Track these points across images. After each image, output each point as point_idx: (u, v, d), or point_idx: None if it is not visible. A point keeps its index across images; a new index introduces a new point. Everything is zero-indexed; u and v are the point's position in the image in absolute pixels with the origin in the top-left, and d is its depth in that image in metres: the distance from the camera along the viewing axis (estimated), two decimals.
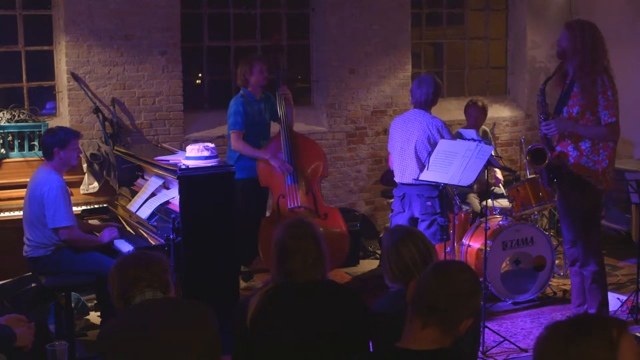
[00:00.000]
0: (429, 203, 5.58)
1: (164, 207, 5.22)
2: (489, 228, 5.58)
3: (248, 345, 3.02)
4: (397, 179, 5.79)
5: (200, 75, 7.63)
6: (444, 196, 5.60)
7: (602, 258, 5.29)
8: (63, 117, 6.78)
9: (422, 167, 5.58)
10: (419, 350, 2.42)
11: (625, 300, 5.73)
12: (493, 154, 5.57)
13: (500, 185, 6.96)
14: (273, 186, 6.15)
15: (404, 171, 5.69)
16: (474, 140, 5.55)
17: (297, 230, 3.09)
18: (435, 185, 5.54)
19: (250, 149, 6.15)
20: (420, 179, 5.51)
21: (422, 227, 5.59)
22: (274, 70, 6.46)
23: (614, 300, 5.74)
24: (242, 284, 6.41)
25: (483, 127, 7.20)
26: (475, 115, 7.05)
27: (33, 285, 5.24)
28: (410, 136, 5.63)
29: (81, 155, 6.12)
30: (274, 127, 6.51)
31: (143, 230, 5.27)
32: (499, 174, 6.96)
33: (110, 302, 2.95)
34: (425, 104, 5.69)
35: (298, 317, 2.99)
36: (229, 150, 6.33)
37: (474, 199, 6.83)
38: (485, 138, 6.89)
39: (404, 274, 3.16)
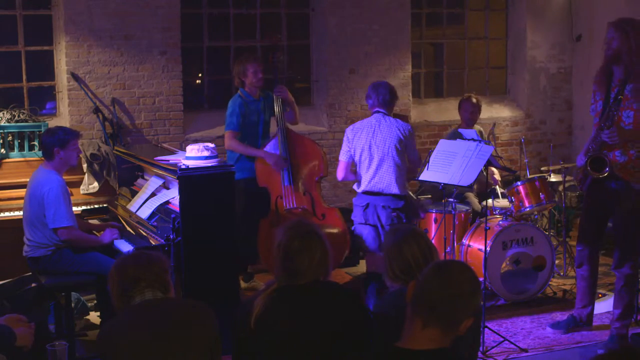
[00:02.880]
0: (394, 214, 5.48)
1: (164, 207, 5.22)
2: (489, 228, 5.57)
3: (249, 346, 3.02)
4: (360, 188, 5.60)
5: (200, 75, 7.63)
6: (410, 205, 5.54)
7: (638, 263, 5.20)
8: (63, 117, 6.78)
9: (396, 171, 5.47)
10: (419, 350, 2.42)
11: None
12: (493, 154, 5.57)
13: (498, 185, 6.95)
14: (271, 186, 6.13)
15: (371, 178, 5.52)
16: (474, 140, 5.55)
17: (301, 230, 3.09)
18: (400, 196, 5.47)
19: (242, 146, 6.10)
20: (420, 179, 5.49)
21: None
22: (272, 70, 6.44)
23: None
24: (243, 284, 6.41)
25: (477, 126, 7.15)
26: (471, 110, 6.99)
27: (33, 285, 5.24)
28: (380, 141, 5.50)
29: (81, 155, 6.12)
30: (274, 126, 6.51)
31: (143, 230, 5.27)
32: (496, 174, 6.94)
33: (110, 302, 2.95)
34: (384, 104, 5.60)
35: (301, 317, 3.00)
36: (228, 151, 6.30)
37: (473, 198, 6.83)
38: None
39: (405, 274, 3.17)
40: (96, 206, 6.21)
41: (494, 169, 6.72)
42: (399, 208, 5.49)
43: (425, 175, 5.52)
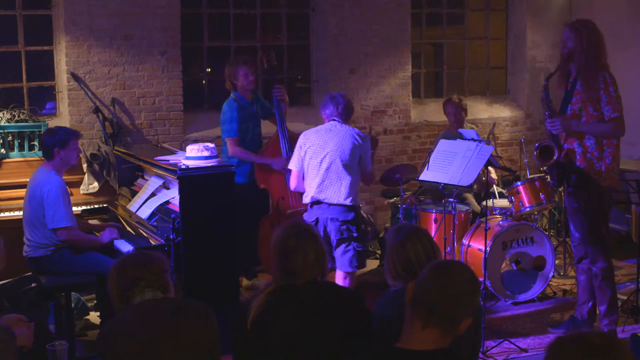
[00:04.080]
0: (344, 227, 5.26)
1: (164, 207, 5.23)
2: (489, 228, 5.58)
3: (248, 346, 3.02)
4: (309, 198, 5.35)
5: (200, 75, 7.63)
6: (361, 219, 5.34)
7: (610, 254, 5.27)
8: (63, 117, 6.78)
9: (348, 177, 5.24)
10: (418, 350, 2.42)
11: (625, 301, 5.73)
12: (493, 153, 5.57)
13: (494, 184, 6.94)
14: (272, 188, 6.12)
15: (320, 182, 5.28)
16: (474, 140, 5.55)
17: (297, 229, 3.11)
18: (351, 208, 5.26)
19: (249, 154, 6.08)
20: (420, 179, 5.48)
21: (336, 253, 5.28)
22: (268, 70, 6.41)
23: None
24: (246, 282, 6.40)
25: (470, 125, 7.15)
26: (454, 112, 7.00)
27: (33, 285, 5.25)
28: (333, 145, 5.28)
29: (81, 155, 6.12)
30: (270, 126, 6.49)
31: (143, 230, 5.28)
32: (493, 174, 6.94)
33: (110, 302, 2.96)
34: (341, 114, 5.41)
35: (298, 318, 3.00)
36: (223, 155, 6.22)
37: (472, 199, 6.82)
38: None
39: (407, 272, 3.15)
40: (96, 206, 6.21)
41: (494, 168, 6.73)
42: (348, 220, 5.26)
43: (425, 175, 5.52)
